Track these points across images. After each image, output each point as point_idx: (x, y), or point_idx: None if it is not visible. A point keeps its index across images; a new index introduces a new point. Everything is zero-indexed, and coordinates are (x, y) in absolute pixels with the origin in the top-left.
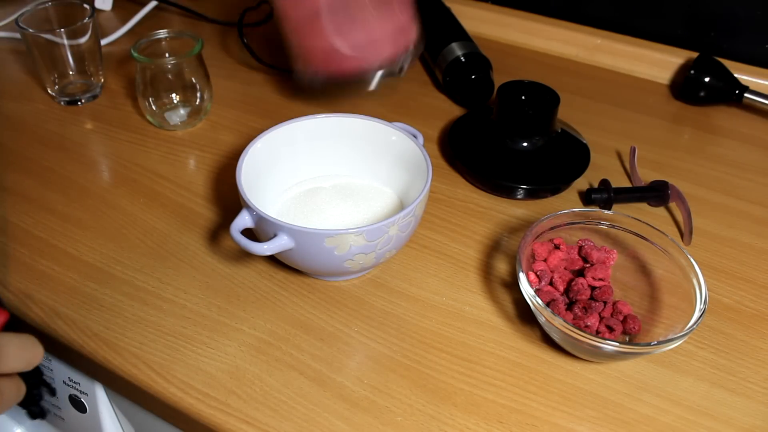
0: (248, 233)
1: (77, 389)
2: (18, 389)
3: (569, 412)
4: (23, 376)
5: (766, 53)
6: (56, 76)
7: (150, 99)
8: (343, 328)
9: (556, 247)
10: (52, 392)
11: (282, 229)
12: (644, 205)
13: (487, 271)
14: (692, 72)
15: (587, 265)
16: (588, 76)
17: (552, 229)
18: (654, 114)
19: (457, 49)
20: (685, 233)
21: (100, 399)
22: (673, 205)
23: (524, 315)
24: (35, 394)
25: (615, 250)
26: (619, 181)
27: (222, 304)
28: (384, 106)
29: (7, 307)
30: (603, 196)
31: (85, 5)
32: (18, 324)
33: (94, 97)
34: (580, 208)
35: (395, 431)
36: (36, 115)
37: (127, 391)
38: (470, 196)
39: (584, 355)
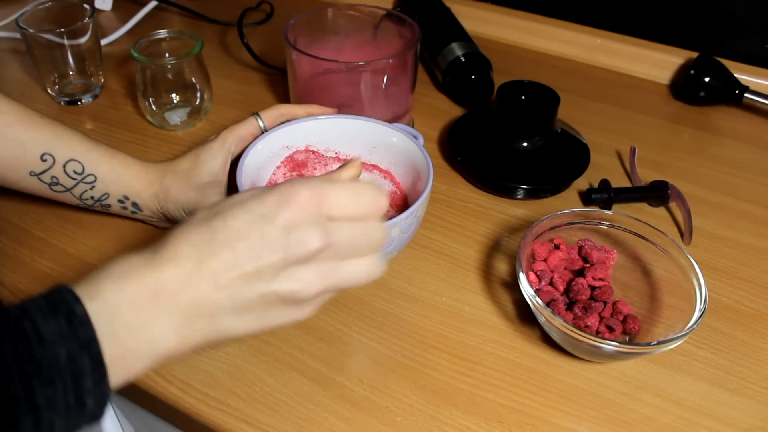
0: None
1: None
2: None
3: (569, 412)
4: None
5: (766, 53)
6: (56, 76)
7: (150, 99)
8: (343, 328)
9: (556, 247)
10: None
11: None
12: (644, 205)
13: (487, 271)
14: (692, 72)
15: (587, 265)
16: (588, 76)
17: (552, 229)
18: (654, 114)
19: (457, 49)
20: (685, 233)
21: None
22: (673, 205)
23: (524, 315)
24: None
25: (615, 250)
26: (619, 181)
27: None
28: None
29: None
30: (603, 196)
31: (85, 5)
32: None
33: (95, 97)
34: (580, 208)
35: (395, 431)
36: None
37: (127, 391)
38: (470, 196)
39: (584, 355)
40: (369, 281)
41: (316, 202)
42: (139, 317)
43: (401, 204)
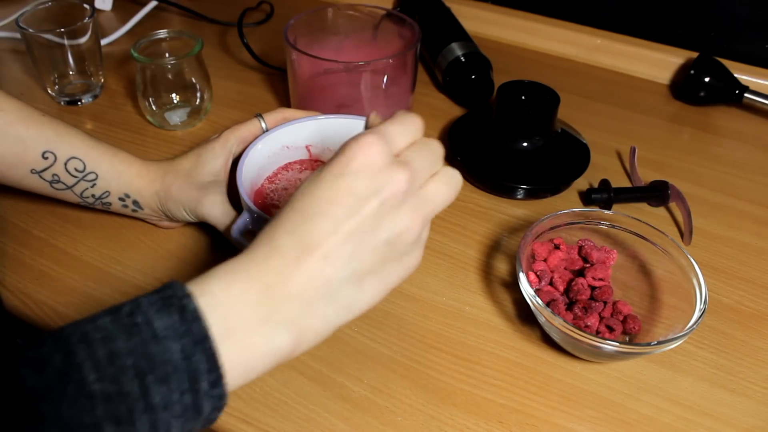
0: (250, 235)
1: None
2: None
3: (569, 412)
4: None
5: (766, 53)
6: (56, 76)
7: (150, 99)
8: (343, 328)
9: (556, 247)
10: None
11: None
12: (644, 205)
13: (487, 271)
14: (692, 72)
15: (587, 265)
16: (588, 76)
17: (552, 229)
18: (654, 114)
19: (457, 49)
20: (685, 233)
21: None
22: (673, 205)
23: (524, 315)
24: None
25: (615, 250)
26: (619, 181)
27: None
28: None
29: None
30: (603, 196)
31: (85, 5)
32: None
33: (95, 97)
34: (580, 208)
35: (395, 431)
36: None
37: None
38: (470, 196)
39: (584, 355)
40: (456, 193)
41: (386, 144)
42: (253, 313)
43: None
